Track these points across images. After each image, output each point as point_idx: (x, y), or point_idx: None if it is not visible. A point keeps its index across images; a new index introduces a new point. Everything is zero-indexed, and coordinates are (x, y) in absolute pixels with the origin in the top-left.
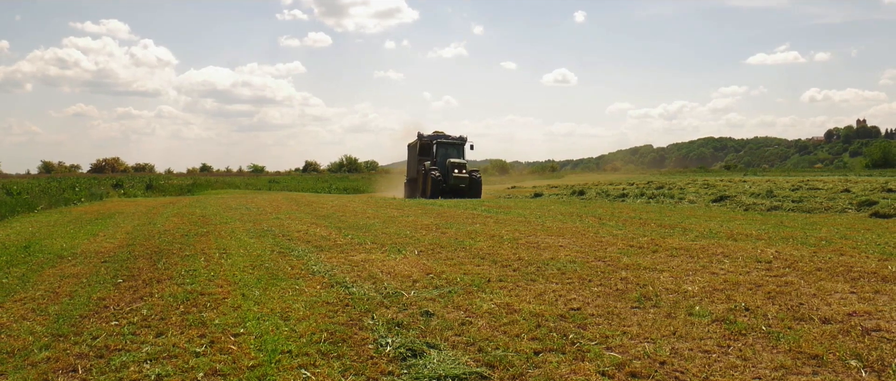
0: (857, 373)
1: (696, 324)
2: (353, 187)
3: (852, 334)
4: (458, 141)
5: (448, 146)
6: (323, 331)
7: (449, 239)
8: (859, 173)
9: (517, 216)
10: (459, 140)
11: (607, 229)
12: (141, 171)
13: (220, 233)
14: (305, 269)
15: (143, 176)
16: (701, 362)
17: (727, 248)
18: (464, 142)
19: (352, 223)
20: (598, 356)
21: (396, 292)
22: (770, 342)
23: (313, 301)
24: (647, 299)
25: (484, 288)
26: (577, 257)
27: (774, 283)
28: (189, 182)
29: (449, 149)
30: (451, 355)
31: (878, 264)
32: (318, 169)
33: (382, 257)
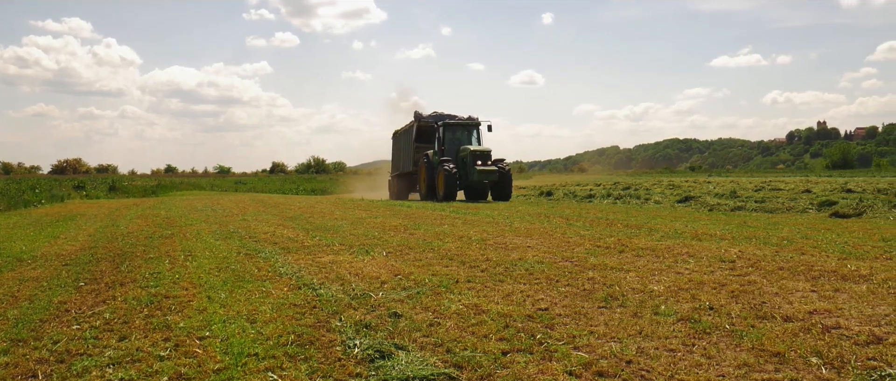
0: (818, 370)
1: (662, 323)
2: (320, 189)
3: (813, 331)
4: (470, 122)
5: (458, 129)
6: (290, 333)
7: (417, 240)
8: (820, 174)
9: (485, 217)
10: (472, 121)
11: (575, 230)
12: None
13: (186, 235)
14: (272, 271)
15: (105, 177)
16: (666, 360)
17: (692, 248)
18: (478, 124)
19: (319, 225)
20: (565, 356)
21: (364, 293)
22: (734, 341)
23: (280, 303)
24: (613, 298)
25: (452, 289)
26: (544, 257)
27: (738, 282)
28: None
29: (459, 132)
30: (420, 356)
31: (837, 263)
32: (285, 170)
33: (350, 258)
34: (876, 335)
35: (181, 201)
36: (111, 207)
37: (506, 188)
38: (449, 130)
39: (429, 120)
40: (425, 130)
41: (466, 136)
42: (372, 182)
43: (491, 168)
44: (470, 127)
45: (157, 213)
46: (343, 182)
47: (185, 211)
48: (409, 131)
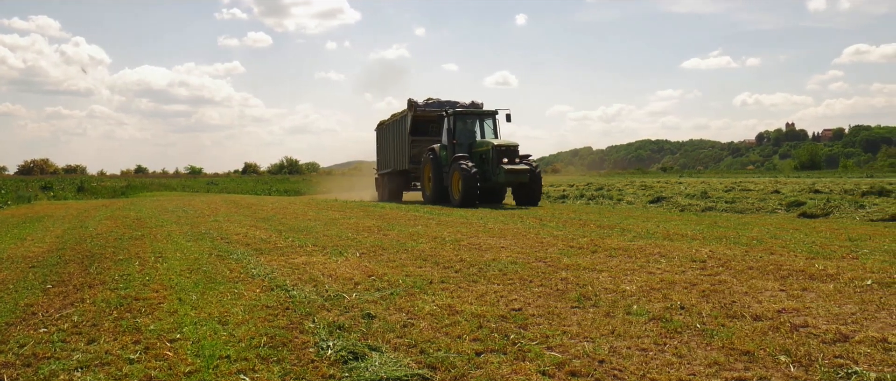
0: (786, 368)
1: (634, 323)
2: (293, 189)
3: (782, 330)
4: (485, 111)
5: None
6: (262, 335)
7: (391, 241)
8: (788, 175)
9: (459, 218)
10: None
11: (548, 230)
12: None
13: (156, 236)
14: (245, 272)
15: (73, 178)
16: (638, 359)
17: (664, 248)
18: (494, 113)
19: (292, 226)
20: (538, 356)
21: (338, 294)
22: (704, 340)
23: (252, 305)
24: (586, 298)
25: (426, 290)
26: (518, 257)
27: (708, 282)
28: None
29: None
30: (393, 357)
31: (805, 263)
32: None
33: (324, 259)
34: (842, 333)
35: (152, 202)
36: (80, 208)
37: (536, 190)
38: (460, 120)
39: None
40: (422, 120)
41: (481, 127)
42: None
43: (521, 167)
44: (485, 117)
45: (127, 214)
46: (316, 183)
47: (156, 212)
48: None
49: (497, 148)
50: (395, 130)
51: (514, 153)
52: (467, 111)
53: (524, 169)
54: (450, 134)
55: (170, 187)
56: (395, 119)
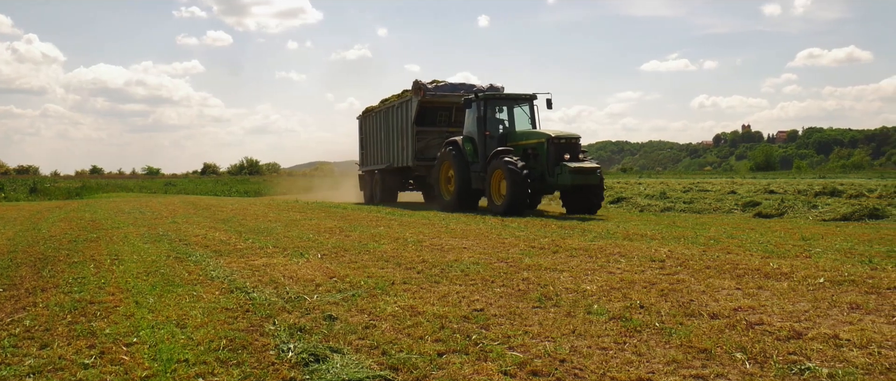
0: (742, 365)
1: (594, 322)
2: (253, 190)
3: (738, 328)
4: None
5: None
6: (222, 338)
7: (352, 242)
8: (744, 176)
9: (421, 218)
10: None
11: (509, 231)
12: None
13: (112, 238)
14: (203, 274)
15: (26, 179)
16: (599, 358)
17: (624, 248)
18: (532, 98)
19: (252, 227)
20: (500, 356)
21: (299, 296)
22: (663, 338)
23: (212, 308)
24: (547, 298)
25: (388, 291)
26: (480, 258)
27: (667, 281)
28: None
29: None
30: (355, 359)
31: (761, 262)
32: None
33: (284, 261)
34: (796, 330)
35: (107, 204)
36: (32, 209)
37: (597, 195)
38: (491, 106)
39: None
40: (430, 107)
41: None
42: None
43: (590, 165)
44: (519, 102)
45: (82, 215)
46: (277, 184)
47: (112, 213)
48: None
49: (555, 141)
50: (391, 118)
51: (577, 148)
52: (500, 95)
53: (593, 168)
54: (480, 123)
55: (126, 188)
56: (389, 105)
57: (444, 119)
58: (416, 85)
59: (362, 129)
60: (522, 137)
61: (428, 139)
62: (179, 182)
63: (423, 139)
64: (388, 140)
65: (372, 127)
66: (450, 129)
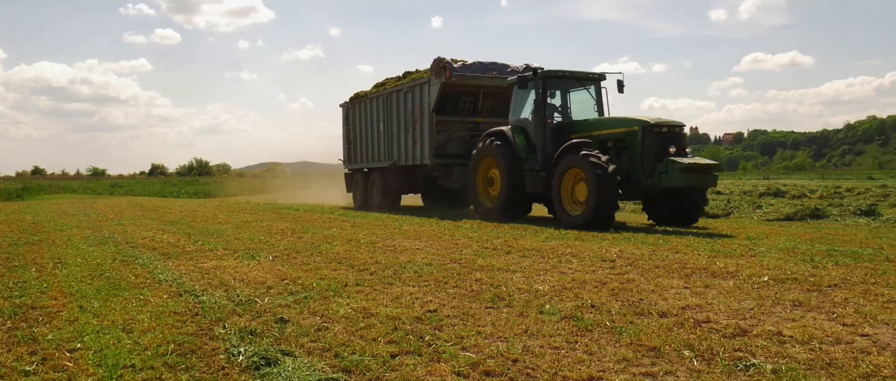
0: (690, 362)
1: (547, 322)
2: (203, 192)
3: (686, 326)
4: (586, 75)
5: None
6: (170, 342)
7: (305, 244)
8: None
9: (375, 220)
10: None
11: (463, 232)
12: None
13: (55, 241)
14: (151, 277)
15: None
16: (551, 358)
17: (575, 248)
18: (599, 79)
19: (202, 229)
20: (453, 357)
21: (250, 299)
22: (614, 337)
23: (159, 311)
24: (500, 299)
25: (341, 293)
26: (433, 259)
27: (618, 280)
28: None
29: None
30: (307, 361)
31: (708, 261)
32: (165, 172)
33: (235, 263)
34: (741, 328)
35: (50, 205)
36: None
37: (701, 200)
38: (552, 84)
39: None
40: (453, 92)
41: (563, 101)
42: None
43: (704, 162)
44: (585, 83)
45: (23, 218)
46: (228, 185)
47: (55, 215)
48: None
49: (654, 130)
50: (396, 105)
51: (682, 140)
52: (565, 73)
53: (709, 165)
54: (539, 108)
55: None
56: (392, 90)
57: (469, 107)
58: (438, 64)
59: (349, 119)
60: (597, 126)
61: (449, 131)
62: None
63: (443, 131)
64: (391, 133)
65: (365, 117)
66: (475, 119)
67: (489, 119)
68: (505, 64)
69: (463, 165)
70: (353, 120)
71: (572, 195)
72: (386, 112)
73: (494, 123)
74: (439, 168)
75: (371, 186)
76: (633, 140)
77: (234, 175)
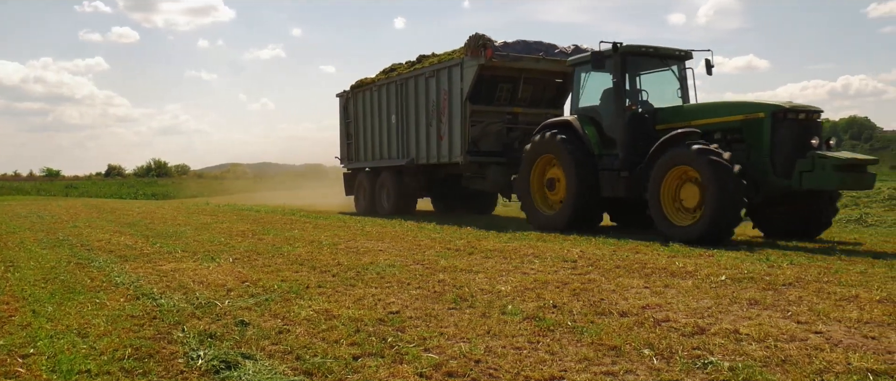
0: (650, 361)
1: (509, 322)
2: (162, 193)
3: (646, 325)
4: (671, 52)
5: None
6: (127, 347)
7: (266, 245)
8: None
9: (337, 221)
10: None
11: (426, 233)
12: None
13: (7, 244)
14: (107, 280)
15: None
16: (513, 358)
17: (537, 248)
18: (685, 57)
19: (160, 231)
20: (416, 358)
21: (209, 301)
22: (575, 336)
23: (116, 315)
24: (463, 300)
25: (302, 295)
26: (396, 260)
27: (579, 281)
28: None
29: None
30: (268, 364)
31: (667, 261)
32: (122, 173)
33: (194, 265)
34: (700, 326)
35: (1, 207)
36: None
37: (832, 207)
38: (630, 66)
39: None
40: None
41: (632, 85)
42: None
43: (860, 157)
44: (669, 61)
45: None
46: (187, 186)
47: (7, 218)
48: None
49: (790, 117)
50: (414, 93)
51: (819, 129)
52: (649, 50)
53: (865, 161)
54: (619, 92)
55: (23, 191)
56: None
57: (506, 95)
58: (476, 41)
59: (348, 111)
60: (698, 114)
61: (485, 124)
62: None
63: (477, 124)
64: (406, 126)
65: (371, 108)
66: (514, 109)
67: (529, 110)
68: (551, 44)
69: (499, 164)
70: (354, 112)
71: (679, 200)
72: (400, 101)
73: (535, 114)
74: (472, 168)
75: (380, 188)
76: (757, 130)
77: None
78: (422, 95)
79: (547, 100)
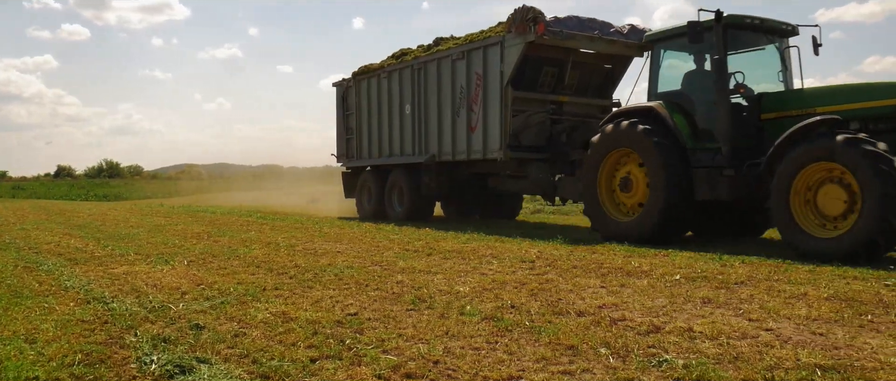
0: (606, 359)
1: (467, 323)
2: (114, 194)
3: (602, 324)
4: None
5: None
6: (77, 352)
7: (222, 247)
8: None
9: (294, 222)
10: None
11: (384, 234)
12: None
13: None
14: (56, 284)
15: None
16: (471, 358)
17: (496, 249)
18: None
19: (112, 233)
20: (374, 360)
21: (163, 305)
22: (533, 336)
23: (66, 320)
24: (421, 301)
25: (259, 297)
26: (354, 262)
27: (537, 281)
28: None
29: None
30: (223, 368)
31: (623, 261)
32: (73, 174)
33: (147, 268)
34: (655, 325)
35: None
36: None
37: None
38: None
39: (566, 30)
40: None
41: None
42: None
43: None
44: (776, 38)
45: None
46: (140, 187)
47: None
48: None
49: None
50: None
51: None
52: (752, 22)
53: None
54: (721, 72)
55: None
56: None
57: (550, 81)
58: (524, 14)
59: (348, 102)
60: (829, 98)
61: (528, 114)
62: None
63: (519, 113)
64: (426, 116)
65: (379, 97)
66: (559, 97)
67: (575, 99)
68: (606, 22)
69: (543, 161)
70: (356, 102)
71: (817, 206)
72: (418, 89)
73: (582, 104)
74: (511, 165)
75: (391, 190)
76: None
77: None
78: (446, 80)
79: (593, 88)
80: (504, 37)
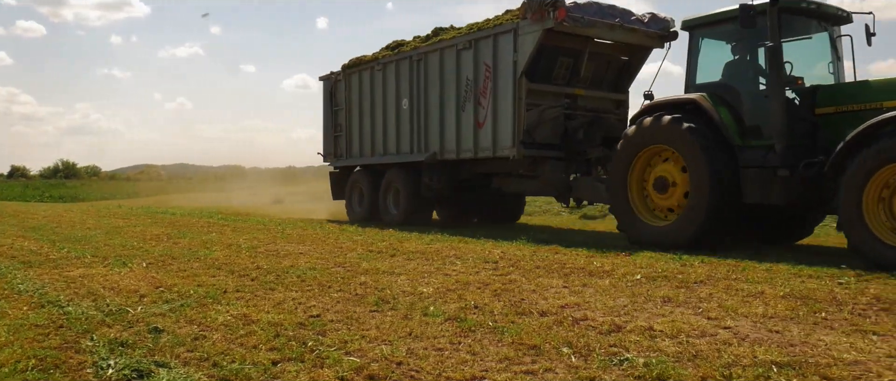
0: (568, 359)
1: (431, 323)
2: (70, 195)
3: (564, 324)
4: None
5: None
6: (30, 358)
7: (182, 249)
8: None
9: (256, 223)
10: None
11: (347, 235)
12: None
13: None
14: (9, 288)
15: None
16: (434, 359)
17: (459, 249)
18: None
19: (68, 235)
20: (337, 362)
21: (121, 308)
22: (496, 336)
23: (18, 325)
24: (385, 302)
25: (220, 300)
26: (317, 263)
27: (500, 281)
28: None
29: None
30: (183, 372)
31: (585, 261)
32: (27, 175)
33: (105, 271)
34: (617, 324)
35: None
36: None
37: None
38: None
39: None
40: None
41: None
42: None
43: None
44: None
45: None
46: (98, 188)
47: None
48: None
49: None
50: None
51: None
52: (809, 6)
53: None
54: (775, 61)
55: None
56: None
57: (564, 73)
58: None
59: (337, 97)
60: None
61: (542, 108)
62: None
63: (534, 107)
64: (427, 112)
65: (373, 91)
66: (574, 90)
67: (591, 92)
68: (626, 9)
69: (558, 159)
70: (346, 97)
71: (885, 212)
72: (416, 82)
73: (597, 98)
74: (524, 164)
75: (386, 191)
76: None
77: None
78: (450, 72)
79: (609, 81)
80: (518, 24)
